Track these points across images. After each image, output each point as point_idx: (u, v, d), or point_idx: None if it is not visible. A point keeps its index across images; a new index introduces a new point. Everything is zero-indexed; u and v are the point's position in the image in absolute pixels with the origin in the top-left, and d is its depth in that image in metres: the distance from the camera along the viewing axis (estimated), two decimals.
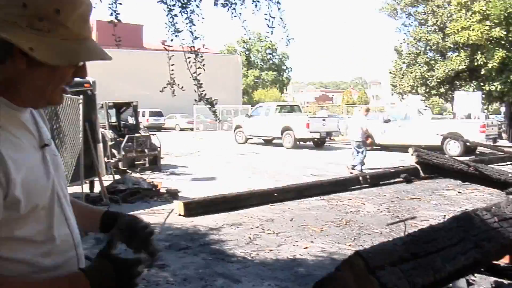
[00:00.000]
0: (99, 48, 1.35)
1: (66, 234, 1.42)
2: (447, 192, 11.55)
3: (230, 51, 72.72)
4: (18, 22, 1.20)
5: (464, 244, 2.78)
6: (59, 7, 1.23)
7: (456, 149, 20.32)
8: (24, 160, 1.29)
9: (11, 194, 1.22)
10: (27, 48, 1.20)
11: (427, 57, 33.13)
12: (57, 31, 1.24)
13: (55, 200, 1.39)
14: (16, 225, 1.27)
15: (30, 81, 1.29)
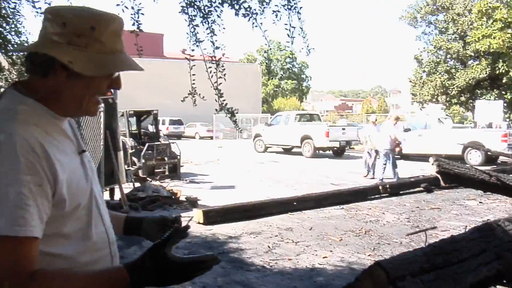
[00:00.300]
0: (131, 60, 1.49)
1: (101, 232, 1.56)
2: (468, 202, 11.42)
3: (250, 60, 72.92)
4: (59, 40, 1.38)
5: (486, 255, 2.75)
6: (94, 24, 1.39)
7: (477, 158, 20.10)
8: (67, 163, 1.43)
9: (58, 192, 1.36)
10: (67, 61, 1.36)
11: (447, 66, 32.97)
12: (92, 46, 1.40)
13: (93, 200, 1.53)
14: (60, 222, 1.40)
15: (69, 92, 1.44)
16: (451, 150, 19.69)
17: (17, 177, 1.28)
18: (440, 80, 32.76)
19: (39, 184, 1.31)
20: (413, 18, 36.57)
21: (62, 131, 1.50)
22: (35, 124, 1.38)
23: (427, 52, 35.17)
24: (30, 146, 1.31)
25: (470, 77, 30.51)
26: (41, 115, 1.43)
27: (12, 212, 1.26)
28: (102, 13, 1.44)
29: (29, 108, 1.41)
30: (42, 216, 1.31)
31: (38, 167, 1.31)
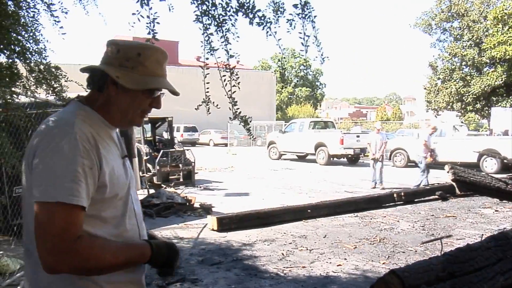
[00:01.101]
0: (168, 83, 1.85)
1: (133, 224, 1.86)
2: (484, 210, 11.33)
3: (264, 67, 73.04)
4: (112, 62, 1.77)
5: (503, 264, 2.73)
6: (140, 51, 1.77)
7: (493, 166, 19.95)
8: (111, 159, 1.76)
9: (101, 178, 1.68)
10: (115, 76, 1.73)
11: (462, 73, 32.77)
12: (138, 68, 1.76)
13: (130, 196, 1.84)
14: (99, 206, 1.70)
15: (118, 105, 1.80)
16: (467, 157, 19.57)
17: (76, 159, 1.60)
18: (455, 87, 32.59)
19: (90, 167, 1.63)
20: (428, 25, 36.43)
21: (111, 137, 1.85)
22: (90, 125, 1.72)
23: (442, 59, 35.00)
24: (86, 137, 1.66)
25: (485, 84, 30.31)
26: (96, 121, 1.78)
27: (69, 184, 1.57)
28: (148, 44, 1.83)
29: (87, 114, 1.77)
30: (89, 193, 1.63)
31: (91, 154, 1.65)
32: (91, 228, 1.67)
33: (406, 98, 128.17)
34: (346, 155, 24.61)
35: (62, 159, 1.58)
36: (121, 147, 1.93)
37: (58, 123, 1.69)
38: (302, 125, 27.20)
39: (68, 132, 1.63)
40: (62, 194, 1.55)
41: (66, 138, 1.62)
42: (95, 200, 1.66)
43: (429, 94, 36.01)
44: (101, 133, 1.77)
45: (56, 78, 5.92)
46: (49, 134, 1.65)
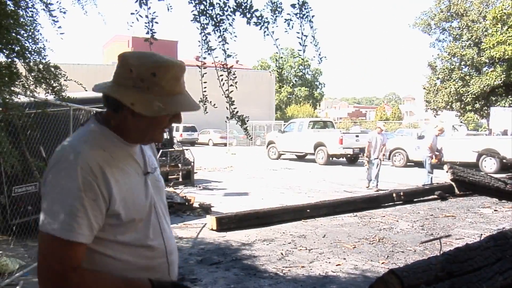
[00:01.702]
0: (188, 101, 1.72)
1: (160, 243, 1.81)
2: (483, 210, 11.34)
3: (263, 67, 73.05)
4: (126, 83, 1.65)
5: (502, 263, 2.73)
6: (155, 71, 1.64)
7: (492, 166, 19.95)
8: (127, 183, 1.71)
9: (111, 207, 1.64)
10: (129, 104, 1.63)
11: (461, 73, 32.80)
12: (153, 89, 1.64)
13: (153, 215, 1.80)
14: (118, 231, 1.69)
15: (134, 126, 1.72)
16: (466, 157, 19.59)
17: (73, 192, 1.57)
18: (454, 87, 32.61)
19: (94, 199, 1.60)
20: (427, 25, 36.44)
21: (129, 155, 1.79)
22: (102, 148, 1.68)
23: (441, 59, 35.02)
24: (90, 168, 1.60)
25: (484, 84, 30.33)
26: (111, 141, 1.73)
27: (65, 219, 1.56)
28: (163, 61, 1.67)
29: (102, 134, 1.73)
30: (92, 226, 1.60)
31: (94, 186, 1.60)
32: (112, 251, 1.70)
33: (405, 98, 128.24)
34: (345, 155, 24.61)
35: (61, 193, 1.58)
36: (144, 163, 1.85)
37: (66, 151, 1.65)
38: (301, 125, 27.19)
39: (70, 163, 1.60)
40: (58, 229, 1.56)
41: (67, 170, 1.60)
42: (111, 226, 1.68)
43: (428, 94, 36.04)
44: (116, 153, 1.73)
45: (55, 78, 5.92)
46: (55, 164, 1.64)
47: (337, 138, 24.02)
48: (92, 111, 8.90)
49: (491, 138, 22.91)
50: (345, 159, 25.41)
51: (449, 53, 33.68)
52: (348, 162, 25.11)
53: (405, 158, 23.27)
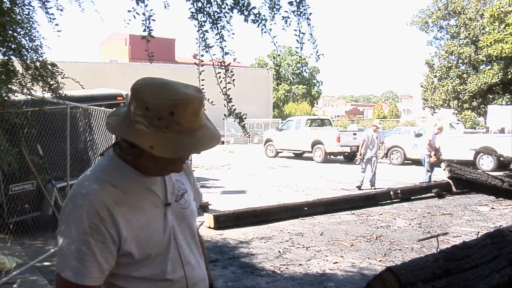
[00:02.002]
0: (208, 136, 1.64)
1: (180, 276, 1.76)
2: (480, 208, 11.35)
3: (261, 65, 73.03)
4: (142, 121, 1.53)
5: (499, 261, 2.73)
6: (173, 110, 1.52)
7: (489, 163, 19.99)
8: (140, 220, 1.67)
9: (122, 247, 1.62)
10: (148, 147, 1.52)
11: (459, 71, 32.81)
12: (172, 127, 1.53)
13: (172, 248, 1.75)
14: (132, 268, 1.68)
15: (153, 162, 1.64)
16: (463, 155, 19.63)
17: (79, 236, 1.56)
18: (451, 85, 32.63)
19: (102, 242, 1.58)
20: (424, 23, 36.43)
21: (147, 188, 1.72)
22: (114, 185, 1.64)
23: (439, 57, 35.05)
24: (96, 211, 1.57)
25: (482, 82, 30.35)
26: (126, 176, 1.68)
27: (75, 264, 1.56)
28: (181, 97, 1.55)
29: (116, 169, 1.69)
30: (102, 268, 1.59)
31: (101, 228, 1.57)
32: (131, 285, 1.70)
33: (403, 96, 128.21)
34: (343, 152, 24.62)
35: (68, 237, 1.58)
36: (165, 194, 1.78)
37: (77, 190, 1.64)
38: (299, 123, 27.20)
39: (78, 206, 1.59)
40: (66, 272, 1.57)
41: (74, 213, 1.59)
42: (125, 264, 1.67)
43: (426, 92, 36.07)
44: (130, 189, 1.68)
45: (52, 75, 5.91)
46: (67, 203, 1.64)
47: (335, 136, 24.04)
48: (89, 109, 8.90)
49: (489, 136, 22.95)
50: (343, 157, 25.43)
51: (447, 51, 33.70)
52: (345, 160, 25.13)
53: (402, 156, 23.29)
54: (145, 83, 1.60)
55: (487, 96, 31.65)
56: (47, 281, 5.90)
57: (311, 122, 27.90)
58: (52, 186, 7.09)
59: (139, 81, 1.61)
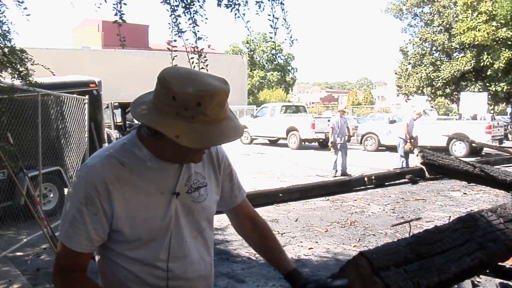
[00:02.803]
0: (232, 128, 1.63)
1: (176, 267, 1.77)
2: (453, 193, 11.52)
3: (235, 52, 72.73)
4: (167, 110, 1.54)
5: (470, 245, 2.76)
6: (200, 100, 1.52)
7: (461, 150, 20.28)
8: (140, 201, 1.68)
9: (115, 224, 1.67)
10: (174, 137, 1.52)
11: (432, 58, 33.13)
12: (198, 118, 1.53)
13: (170, 237, 1.74)
14: (125, 246, 1.71)
15: (175, 151, 1.65)
16: (436, 141, 19.85)
17: (76, 205, 1.64)
18: (425, 72, 32.92)
19: (94, 214, 1.63)
20: (398, 10, 36.62)
21: (158, 173, 1.72)
22: (121, 163, 1.67)
23: (413, 44, 35.31)
24: (94, 184, 1.62)
25: (455, 69, 30.68)
26: (138, 156, 1.70)
27: (67, 227, 1.66)
28: (208, 88, 1.54)
29: (131, 148, 1.71)
30: (91, 237, 1.65)
31: (96, 200, 1.62)
32: (123, 262, 1.74)
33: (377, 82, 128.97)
34: (318, 139, 24.74)
35: (68, 204, 1.67)
36: (176, 183, 1.76)
37: (87, 162, 1.73)
38: (274, 110, 27.23)
39: (80, 177, 1.67)
40: (62, 235, 1.67)
41: (76, 184, 1.68)
42: (118, 241, 1.72)
43: (400, 79, 36.35)
44: (139, 170, 1.69)
45: (21, 62, 5.79)
46: (76, 174, 1.74)
47: (309, 122, 24.14)
48: (61, 97, 8.76)
49: (461, 122, 23.24)
50: (317, 144, 25.54)
51: (421, 38, 33.98)
52: (320, 147, 25.25)
53: (376, 143, 23.50)
54: (172, 72, 1.60)
55: (460, 83, 32.02)
56: (20, 272, 5.83)
57: (286, 109, 27.94)
58: (24, 175, 6.98)
59: (166, 70, 1.61)
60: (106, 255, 1.76)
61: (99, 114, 10.29)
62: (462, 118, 24.90)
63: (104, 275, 1.81)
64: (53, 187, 8.78)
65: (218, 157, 1.96)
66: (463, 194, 11.38)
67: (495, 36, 27.69)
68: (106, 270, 1.79)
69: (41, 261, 6.36)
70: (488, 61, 28.49)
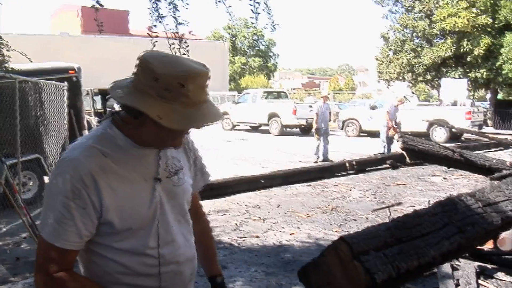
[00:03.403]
0: (212, 110, 1.64)
1: (165, 252, 1.74)
2: (433, 178, 11.63)
3: (217, 38, 72.32)
4: (149, 91, 1.54)
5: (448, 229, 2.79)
6: (182, 82, 1.53)
7: (442, 135, 20.46)
8: (126, 191, 1.66)
9: (104, 216, 1.63)
10: (156, 117, 1.52)
11: (413, 44, 33.20)
12: (179, 99, 1.54)
13: (156, 223, 1.73)
14: (113, 238, 1.67)
15: (155, 134, 1.63)
16: (417, 127, 19.99)
17: (62, 200, 1.57)
18: (406, 58, 33.00)
19: (83, 207, 1.59)
20: None
21: (138, 160, 1.71)
22: (103, 154, 1.64)
23: (394, 31, 35.31)
24: (80, 176, 1.58)
25: (435, 56, 30.80)
26: (119, 145, 1.68)
27: (53, 224, 1.58)
28: (190, 69, 1.56)
29: (110, 137, 1.68)
30: (81, 233, 1.60)
31: (83, 193, 1.58)
32: (111, 255, 1.69)
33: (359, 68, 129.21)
34: (299, 125, 24.78)
35: (51, 199, 1.61)
36: (157, 168, 1.76)
37: (66, 154, 1.66)
38: (255, 96, 27.18)
39: (62, 171, 1.61)
40: (46, 233, 1.60)
41: (59, 177, 1.61)
42: (106, 233, 1.67)
43: (381, 65, 36.39)
44: (121, 159, 1.67)
45: None
46: (56, 168, 1.68)
47: (291, 108, 24.15)
48: (39, 83, 8.65)
49: (441, 108, 23.46)
50: (299, 130, 25.58)
51: (402, 24, 33.99)
52: (301, 133, 25.29)
53: (358, 129, 23.61)
54: (154, 54, 1.60)
55: (440, 69, 32.16)
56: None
57: (267, 95, 27.90)
58: (2, 163, 6.89)
59: (147, 53, 1.61)
60: (90, 249, 1.70)
61: (79, 101, 10.18)
62: (443, 104, 25.11)
63: (88, 269, 1.76)
64: (33, 175, 8.69)
65: (187, 140, 1.95)
66: (443, 179, 11.49)
67: (475, 22, 27.85)
68: (90, 265, 1.74)
69: (21, 250, 6.30)
70: (468, 47, 28.66)
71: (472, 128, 20.03)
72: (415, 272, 2.47)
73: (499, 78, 28.09)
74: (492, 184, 4.81)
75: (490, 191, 3.70)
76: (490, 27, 27.99)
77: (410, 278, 2.66)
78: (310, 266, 2.28)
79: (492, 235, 3.90)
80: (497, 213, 3.39)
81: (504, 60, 26.87)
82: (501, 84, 29.48)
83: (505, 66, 26.91)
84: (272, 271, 5.47)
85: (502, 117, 30.07)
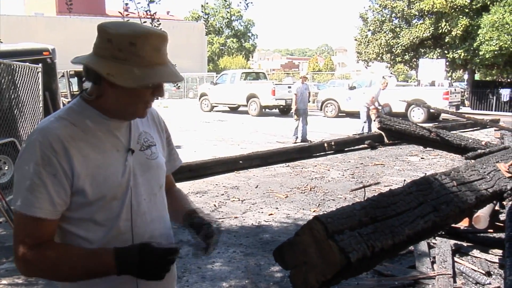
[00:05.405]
0: (169, 72, 1.64)
1: (137, 226, 1.73)
2: (411, 158, 11.73)
3: (194, 18, 71.75)
4: (104, 53, 1.58)
5: (423, 208, 2.82)
6: (133, 40, 1.56)
7: (420, 115, 20.64)
8: (98, 159, 1.65)
9: (76, 183, 1.60)
10: (105, 74, 1.56)
11: (392, 25, 33.26)
12: (132, 59, 1.56)
13: (129, 194, 1.71)
14: (86, 209, 1.65)
15: (113, 98, 1.65)
16: (395, 107, 20.10)
17: (33, 167, 1.56)
18: (385, 38, 33.08)
19: (53, 174, 1.57)
20: None
21: (109, 131, 1.70)
22: (73, 124, 1.64)
23: (373, 11, 35.35)
24: (49, 143, 1.57)
25: (414, 36, 30.92)
26: (87, 116, 1.67)
27: (25, 194, 1.56)
28: (142, 30, 1.60)
29: (78, 110, 1.68)
30: (53, 201, 1.57)
31: (53, 160, 1.57)
32: (83, 231, 1.66)
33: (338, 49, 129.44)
34: (278, 106, 24.76)
35: (22, 169, 1.59)
36: (129, 140, 1.75)
37: (36, 127, 1.65)
38: (234, 77, 27.08)
39: (32, 139, 1.60)
40: (19, 205, 1.58)
41: (28, 146, 1.60)
42: (80, 204, 1.64)
43: (360, 45, 36.44)
44: (90, 129, 1.66)
45: None
46: (25, 141, 1.65)
47: (270, 89, 24.11)
48: (12, 65, 8.49)
49: (420, 88, 23.61)
50: (278, 110, 25.58)
51: (380, 5, 34.01)
52: (280, 113, 25.30)
53: (336, 109, 23.68)
54: (111, 22, 1.66)
55: (418, 50, 32.31)
56: None
57: (246, 76, 27.80)
58: None
59: (105, 22, 1.66)
60: (64, 228, 1.67)
61: (54, 83, 10.02)
62: (421, 84, 25.26)
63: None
64: (8, 159, 8.56)
65: (159, 119, 1.97)
66: (421, 159, 11.60)
67: (453, 3, 27.96)
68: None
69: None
70: (446, 28, 28.81)
71: (450, 109, 20.17)
72: (390, 251, 2.49)
73: (476, 59, 28.29)
74: (467, 163, 4.86)
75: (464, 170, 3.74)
76: (468, 8, 28.13)
77: (385, 257, 2.68)
78: (286, 246, 2.28)
79: (466, 214, 3.95)
80: (472, 192, 3.43)
81: (481, 41, 27.06)
82: (478, 65, 29.71)
83: (482, 47, 27.10)
84: (250, 252, 5.49)
85: (479, 98, 30.41)
